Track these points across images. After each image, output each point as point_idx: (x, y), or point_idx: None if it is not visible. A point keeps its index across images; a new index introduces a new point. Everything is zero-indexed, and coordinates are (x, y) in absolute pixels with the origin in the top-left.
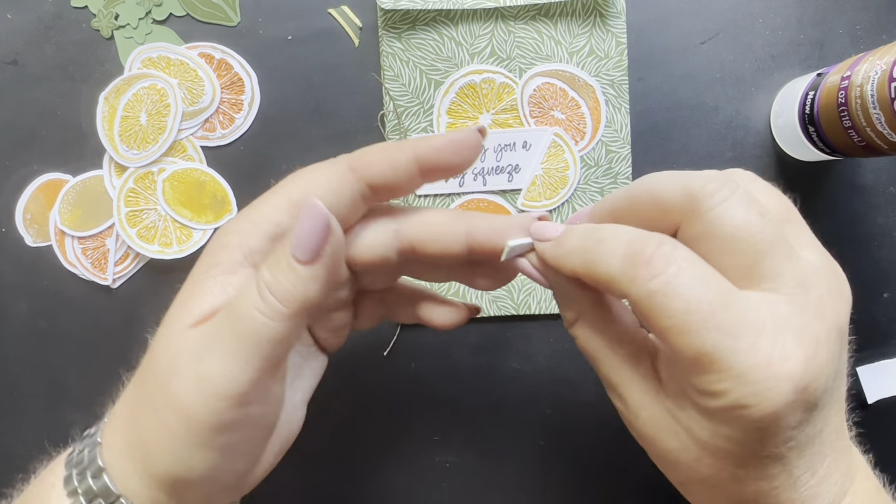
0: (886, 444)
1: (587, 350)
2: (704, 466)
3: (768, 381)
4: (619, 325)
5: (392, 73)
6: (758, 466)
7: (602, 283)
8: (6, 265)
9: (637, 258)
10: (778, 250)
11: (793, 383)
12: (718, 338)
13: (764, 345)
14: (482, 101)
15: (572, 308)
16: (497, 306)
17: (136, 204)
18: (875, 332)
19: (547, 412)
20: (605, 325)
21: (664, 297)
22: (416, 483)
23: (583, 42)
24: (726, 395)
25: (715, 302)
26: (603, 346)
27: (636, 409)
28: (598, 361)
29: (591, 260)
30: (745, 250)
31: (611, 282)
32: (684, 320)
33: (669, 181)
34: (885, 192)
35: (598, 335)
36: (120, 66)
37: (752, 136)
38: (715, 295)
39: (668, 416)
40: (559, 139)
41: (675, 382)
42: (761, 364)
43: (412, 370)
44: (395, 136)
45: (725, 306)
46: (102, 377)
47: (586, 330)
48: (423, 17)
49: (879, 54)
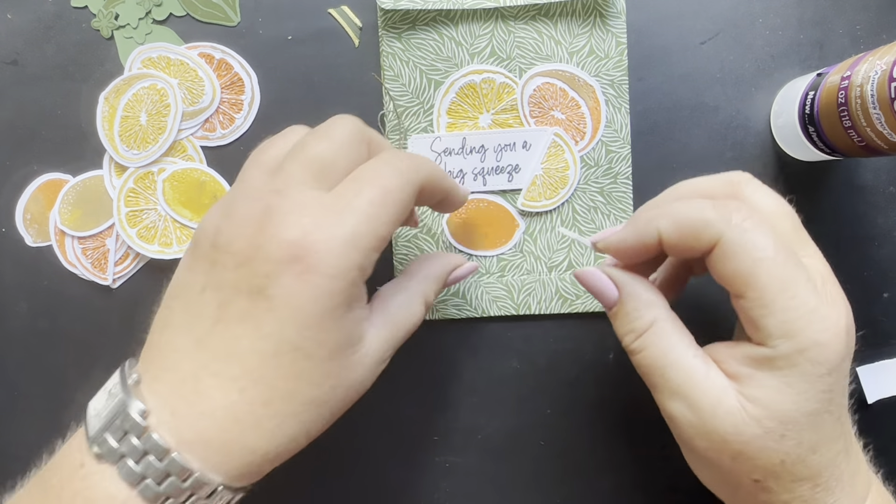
0: (886, 444)
1: (658, 359)
2: (772, 441)
3: (827, 320)
4: (686, 331)
5: (392, 73)
6: (818, 425)
7: (693, 232)
8: (6, 265)
9: (731, 204)
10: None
11: (845, 321)
12: (797, 272)
13: (824, 288)
14: (482, 101)
15: (648, 313)
16: (497, 306)
17: (137, 204)
18: (875, 332)
19: (547, 412)
20: (679, 327)
21: (756, 234)
22: (415, 483)
23: (583, 42)
24: (802, 334)
25: (785, 245)
26: (678, 348)
27: (712, 407)
28: (669, 370)
29: (681, 213)
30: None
31: (705, 226)
32: (774, 254)
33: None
34: (885, 192)
35: (675, 337)
36: (120, 66)
37: (752, 136)
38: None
39: (741, 402)
40: (559, 139)
41: (742, 358)
42: (826, 302)
43: (412, 370)
44: (395, 135)
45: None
46: (102, 377)
47: (659, 337)
48: (423, 17)
49: (879, 54)
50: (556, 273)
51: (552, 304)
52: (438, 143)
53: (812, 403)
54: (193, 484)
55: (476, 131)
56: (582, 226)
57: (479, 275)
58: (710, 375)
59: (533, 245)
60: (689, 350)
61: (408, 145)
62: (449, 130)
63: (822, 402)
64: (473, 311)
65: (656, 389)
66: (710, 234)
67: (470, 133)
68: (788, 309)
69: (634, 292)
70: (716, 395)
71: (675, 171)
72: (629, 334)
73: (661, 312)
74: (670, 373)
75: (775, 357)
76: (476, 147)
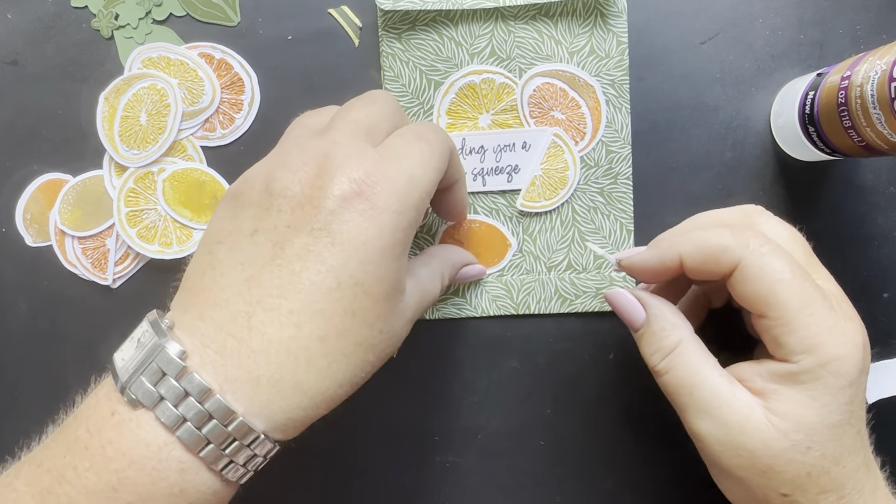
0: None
1: (685, 378)
2: (799, 453)
3: (845, 335)
4: (710, 354)
5: (392, 74)
6: (840, 437)
7: (713, 257)
8: (6, 265)
9: (748, 231)
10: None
11: (861, 337)
12: (814, 291)
13: (840, 307)
14: (482, 102)
15: (675, 334)
16: (497, 306)
17: (137, 204)
18: (875, 332)
19: (547, 412)
20: (704, 349)
21: (773, 258)
22: (416, 483)
23: (583, 42)
24: (823, 348)
25: (800, 267)
26: (704, 368)
27: (740, 424)
28: (696, 389)
29: (702, 238)
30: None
31: (725, 251)
32: (791, 275)
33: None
34: (885, 192)
35: (701, 358)
36: (120, 66)
37: (752, 136)
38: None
39: (768, 417)
40: (559, 139)
41: (766, 374)
42: (843, 319)
43: (412, 370)
44: None
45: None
46: (102, 377)
47: (685, 357)
48: (423, 18)
49: (879, 54)
50: (555, 273)
51: (551, 304)
52: None
53: (835, 415)
54: (237, 428)
55: (476, 132)
56: (581, 226)
57: None
58: (736, 394)
59: (532, 245)
60: (715, 370)
61: None
62: (449, 131)
63: (844, 415)
64: (473, 310)
65: (684, 409)
66: (730, 258)
67: (469, 133)
68: (808, 325)
69: (661, 314)
70: (743, 411)
71: (674, 171)
72: (656, 354)
73: (686, 334)
74: (698, 392)
75: (799, 372)
76: (475, 147)
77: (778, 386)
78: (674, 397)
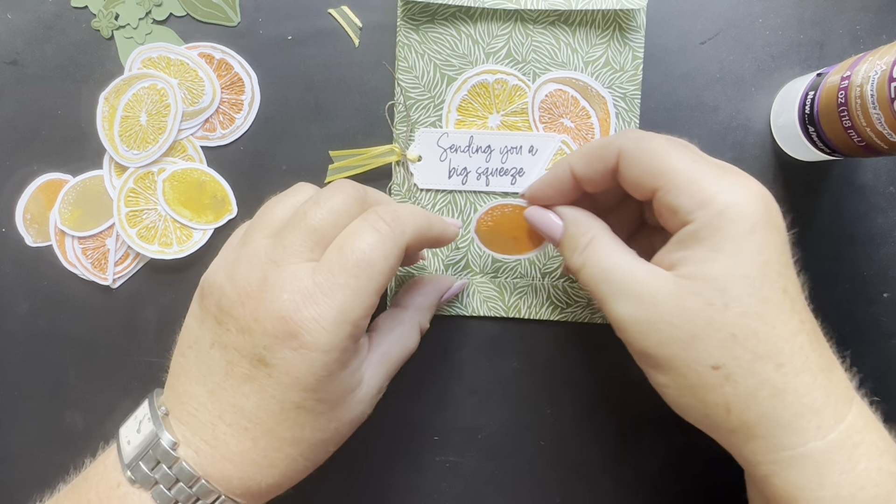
0: None
1: (600, 265)
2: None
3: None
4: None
5: (406, 65)
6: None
7: (596, 154)
8: (6, 265)
9: (640, 132)
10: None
11: (756, 187)
12: (698, 156)
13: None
14: (493, 102)
15: (589, 231)
16: (487, 307)
17: (137, 204)
18: (875, 332)
19: (547, 412)
20: (619, 241)
21: (650, 138)
22: (416, 483)
23: (599, 52)
24: (716, 198)
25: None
26: (616, 253)
27: (653, 296)
28: (610, 273)
29: (586, 145)
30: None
31: (605, 146)
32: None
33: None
34: (885, 192)
35: (614, 246)
36: (120, 66)
37: (752, 136)
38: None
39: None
40: (566, 147)
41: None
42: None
43: (412, 370)
44: (402, 126)
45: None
46: (102, 377)
47: (599, 247)
48: (443, 12)
49: (879, 54)
50: (549, 279)
51: (542, 310)
52: (445, 139)
53: (746, 266)
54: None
55: (484, 131)
56: None
57: (473, 273)
58: (650, 270)
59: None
60: (629, 255)
61: (415, 138)
62: (457, 127)
63: (756, 266)
64: (463, 309)
65: (603, 299)
66: (611, 151)
67: (478, 132)
68: (697, 181)
69: (576, 218)
70: (656, 284)
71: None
72: (573, 255)
73: (600, 230)
74: (611, 275)
75: (698, 229)
76: (483, 147)
77: (684, 252)
78: (593, 290)
